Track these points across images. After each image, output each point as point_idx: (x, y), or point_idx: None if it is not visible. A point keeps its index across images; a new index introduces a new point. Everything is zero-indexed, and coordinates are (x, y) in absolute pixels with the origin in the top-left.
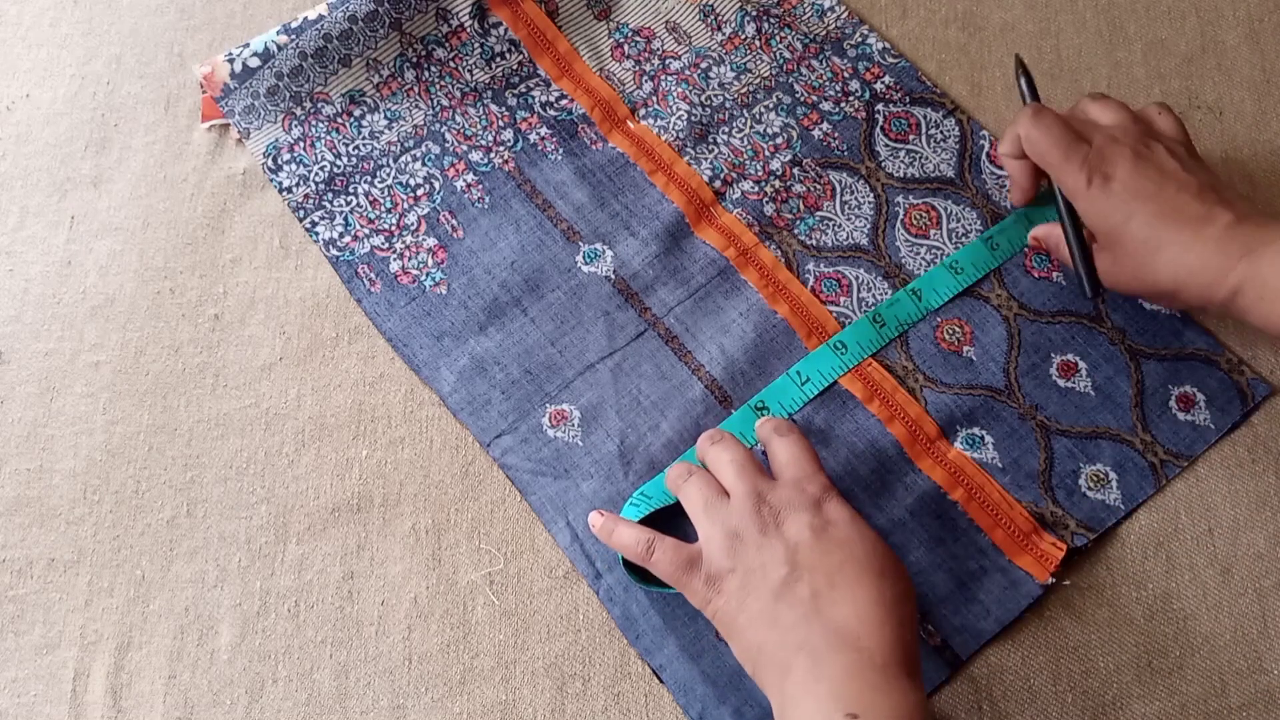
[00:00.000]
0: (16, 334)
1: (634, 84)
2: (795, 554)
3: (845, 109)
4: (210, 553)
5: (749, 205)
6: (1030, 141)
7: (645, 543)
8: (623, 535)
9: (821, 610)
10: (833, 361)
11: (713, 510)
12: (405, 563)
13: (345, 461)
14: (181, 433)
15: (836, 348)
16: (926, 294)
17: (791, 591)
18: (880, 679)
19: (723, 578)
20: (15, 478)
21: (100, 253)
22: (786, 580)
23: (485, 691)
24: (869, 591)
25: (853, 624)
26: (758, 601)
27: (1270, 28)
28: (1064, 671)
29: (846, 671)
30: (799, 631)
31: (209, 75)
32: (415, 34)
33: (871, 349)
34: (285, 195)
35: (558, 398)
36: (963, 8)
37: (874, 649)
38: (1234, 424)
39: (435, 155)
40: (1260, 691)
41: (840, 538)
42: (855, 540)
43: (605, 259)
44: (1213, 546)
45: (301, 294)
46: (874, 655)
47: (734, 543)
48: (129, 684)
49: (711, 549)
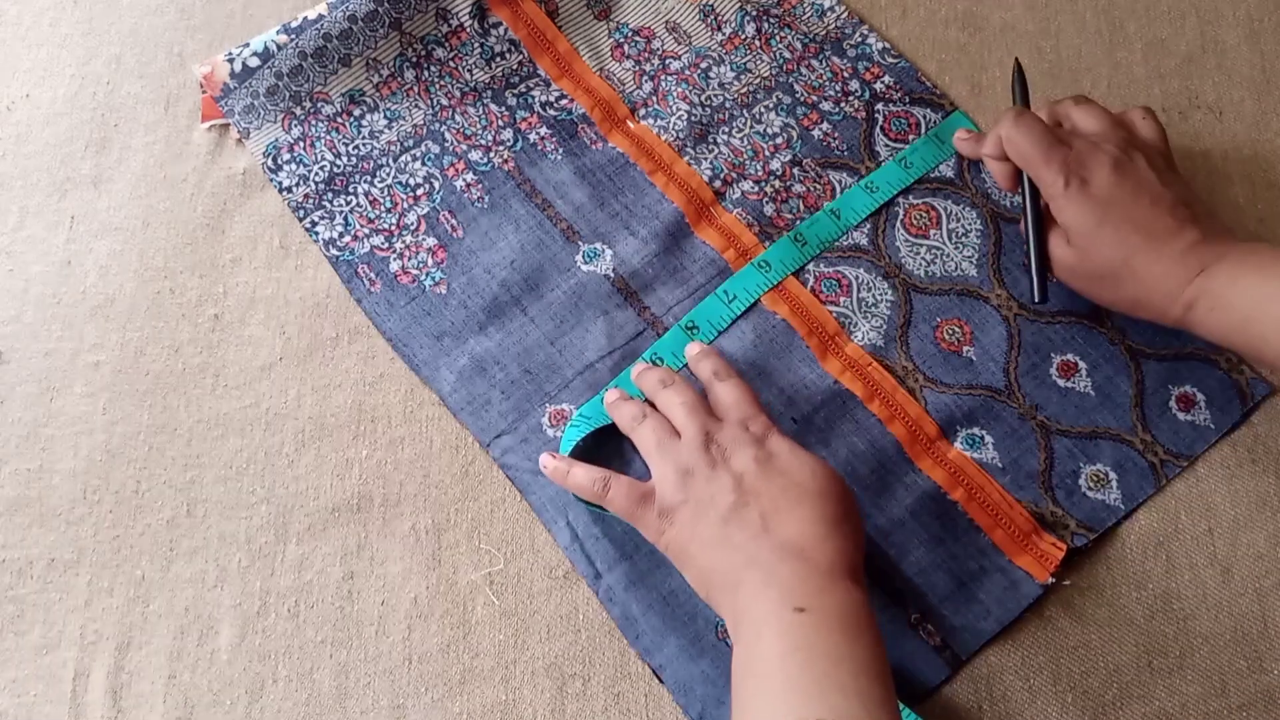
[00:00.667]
0: (16, 334)
1: (634, 84)
2: (741, 482)
3: (845, 109)
4: (210, 553)
5: (749, 205)
6: (1011, 142)
7: (600, 481)
8: (577, 476)
9: (769, 530)
10: (757, 279)
11: (665, 449)
12: (405, 563)
13: (345, 461)
14: (181, 433)
15: (761, 266)
16: (845, 213)
17: (739, 516)
18: (826, 581)
19: (675, 510)
20: (15, 478)
21: (100, 253)
22: (734, 506)
23: (485, 691)
24: (811, 510)
25: (797, 539)
26: (708, 528)
27: (1270, 28)
28: (1064, 671)
29: (794, 576)
30: (748, 550)
31: (209, 75)
32: (415, 34)
33: (793, 266)
34: (285, 195)
35: (557, 397)
36: (963, 8)
37: (819, 558)
38: (1234, 424)
39: (435, 155)
40: (1260, 691)
41: (782, 466)
42: (796, 467)
43: (605, 258)
44: (1213, 546)
45: (301, 294)
46: (819, 563)
47: (685, 478)
48: (129, 684)
49: (664, 485)
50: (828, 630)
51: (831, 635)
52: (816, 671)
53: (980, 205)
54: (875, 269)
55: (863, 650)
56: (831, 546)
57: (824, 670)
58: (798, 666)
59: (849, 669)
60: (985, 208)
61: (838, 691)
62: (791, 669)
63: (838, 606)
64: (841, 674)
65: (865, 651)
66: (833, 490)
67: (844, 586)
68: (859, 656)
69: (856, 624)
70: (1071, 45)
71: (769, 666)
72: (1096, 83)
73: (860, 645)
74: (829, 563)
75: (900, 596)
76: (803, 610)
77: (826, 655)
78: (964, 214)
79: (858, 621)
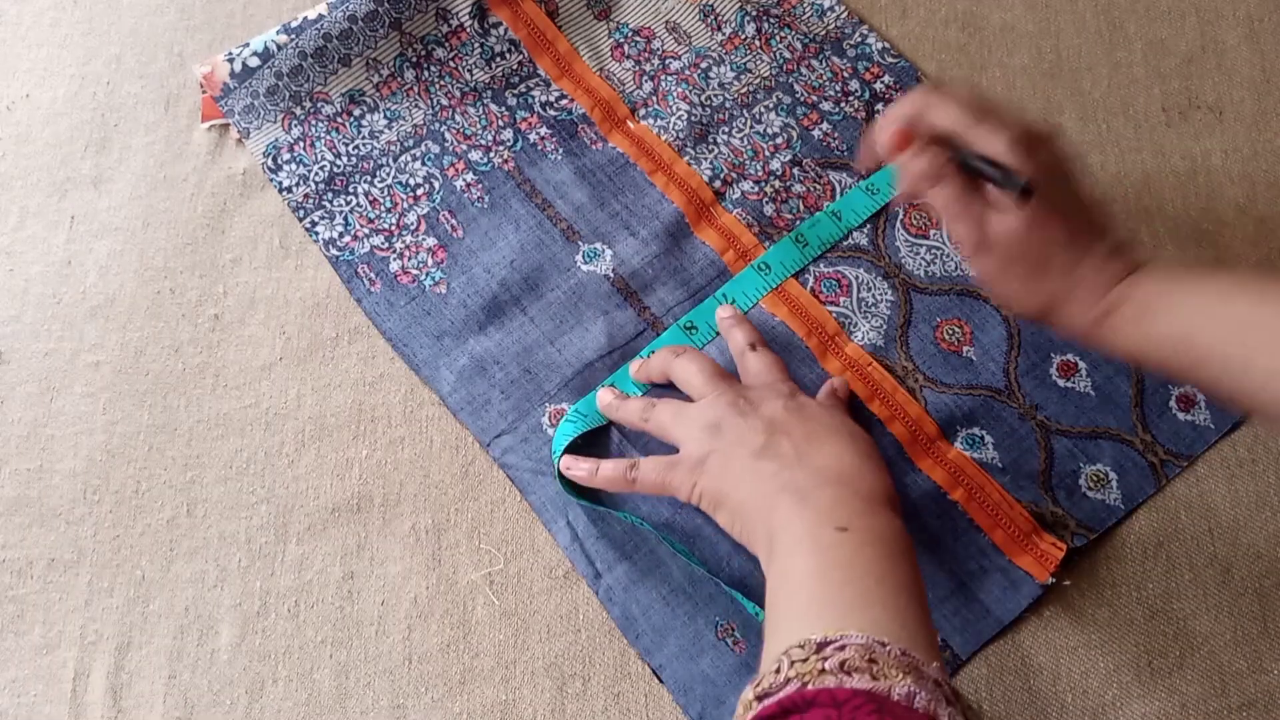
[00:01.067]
0: (16, 334)
1: (634, 84)
2: (772, 424)
3: (845, 109)
4: (210, 553)
5: (749, 205)
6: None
7: (628, 467)
8: (606, 470)
9: (803, 459)
10: (757, 282)
11: (685, 416)
12: (405, 563)
13: (345, 461)
14: (181, 433)
15: (761, 269)
16: (846, 215)
17: (771, 449)
18: (866, 505)
19: (705, 459)
20: (15, 478)
21: (100, 253)
22: (766, 443)
23: (485, 691)
24: (847, 445)
25: (835, 465)
26: (739, 464)
27: (1270, 28)
28: (1064, 671)
29: (834, 499)
30: (782, 476)
31: (209, 75)
32: (415, 34)
33: (794, 268)
34: (285, 195)
35: (557, 397)
36: (963, 8)
37: (858, 484)
38: (1234, 424)
39: (435, 155)
40: (1260, 691)
41: (812, 412)
42: (826, 414)
43: (605, 258)
44: (1213, 546)
45: (301, 294)
46: (859, 488)
47: (713, 430)
48: (129, 684)
49: (690, 443)
50: (871, 549)
51: (874, 554)
52: (856, 588)
53: None
54: (875, 269)
55: (904, 574)
56: (870, 474)
57: (865, 587)
58: (836, 583)
59: (890, 588)
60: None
61: (879, 606)
62: (830, 585)
63: (880, 529)
64: (883, 591)
65: (906, 576)
66: (862, 434)
67: (885, 513)
68: (900, 579)
69: (899, 548)
70: (1071, 45)
71: (805, 583)
72: (1096, 83)
73: (902, 569)
74: (869, 489)
75: None
76: (844, 530)
77: (868, 572)
78: None
79: (900, 546)
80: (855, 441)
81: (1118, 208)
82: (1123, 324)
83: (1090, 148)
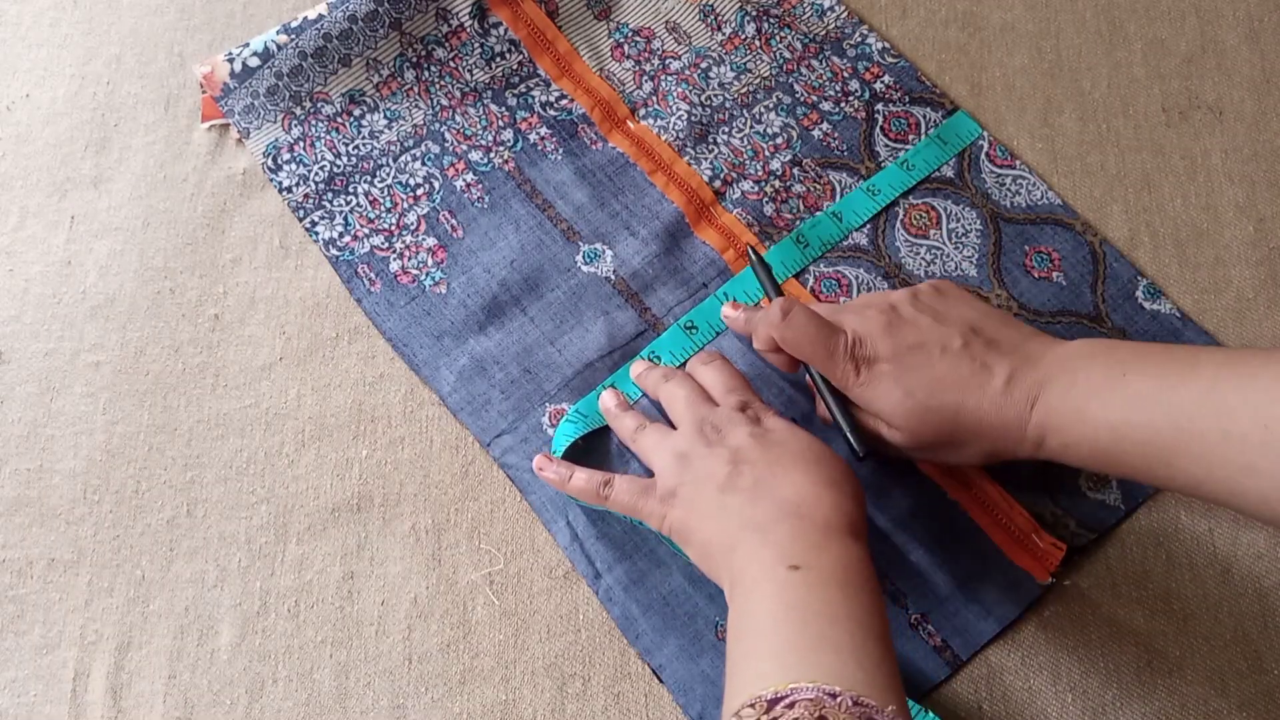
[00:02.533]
0: (16, 334)
1: (634, 84)
2: (736, 455)
3: (845, 109)
4: (210, 553)
5: (749, 205)
6: (787, 342)
7: (601, 483)
8: (579, 480)
9: (763, 494)
10: (757, 282)
11: (663, 444)
12: (405, 563)
13: (345, 461)
14: (181, 433)
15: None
16: (847, 216)
17: (734, 484)
18: (821, 538)
19: (675, 492)
20: (15, 478)
21: (100, 253)
22: (730, 475)
23: (485, 691)
24: (806, 473)
25: (792, 498)
26: (705, 500)
27: (1270, 28)
28: (1064, 671)
29: (789, 535)
30: (744, 513)
31: (209, 75)
32: (415, 34)
33: (795, 269)
34: (285, 195)
35: (557, 397)
36: (963, 8)
37: (815, 515)
38: None
39: (435, 155)
40: (1260, 691)
41: (777, 439)
42: (791, 439)
43: (605, 259)
44: (1213, 546)
45: (301, 294)
46: (815, 519)
47: (682, 461)
48: (129, 684)
49: (663, 472)
50: (822, 587)
51: (827, 592)
52: (810, 631)
53: (980, 205)
54: (875, 269)
55: (858, 608)
56: (828, 502)
57: (818, 629)
58: (791, 626)
59: (845, 627)
60: (985, 208)
61: (831, 650)
62: (784, 628)
63: (834, 563)
64: (837, 632)
65: (861, 609)
66: (828, 457)
67: (841, 542)
68: (854, 614)
69: (854, 580)
70: (1071, 45)
71: (761, 626)
72: (1096, 83)
73: (857, 603)
74: (824, 519)
75: (900, 596)
76: (797, 568)
77: (820, 613)
78: (964, 214)
79: (856, 577)
80: (819, 467)
81: (1117, 208)
82: (1058, 451)
83: (1090, 148)
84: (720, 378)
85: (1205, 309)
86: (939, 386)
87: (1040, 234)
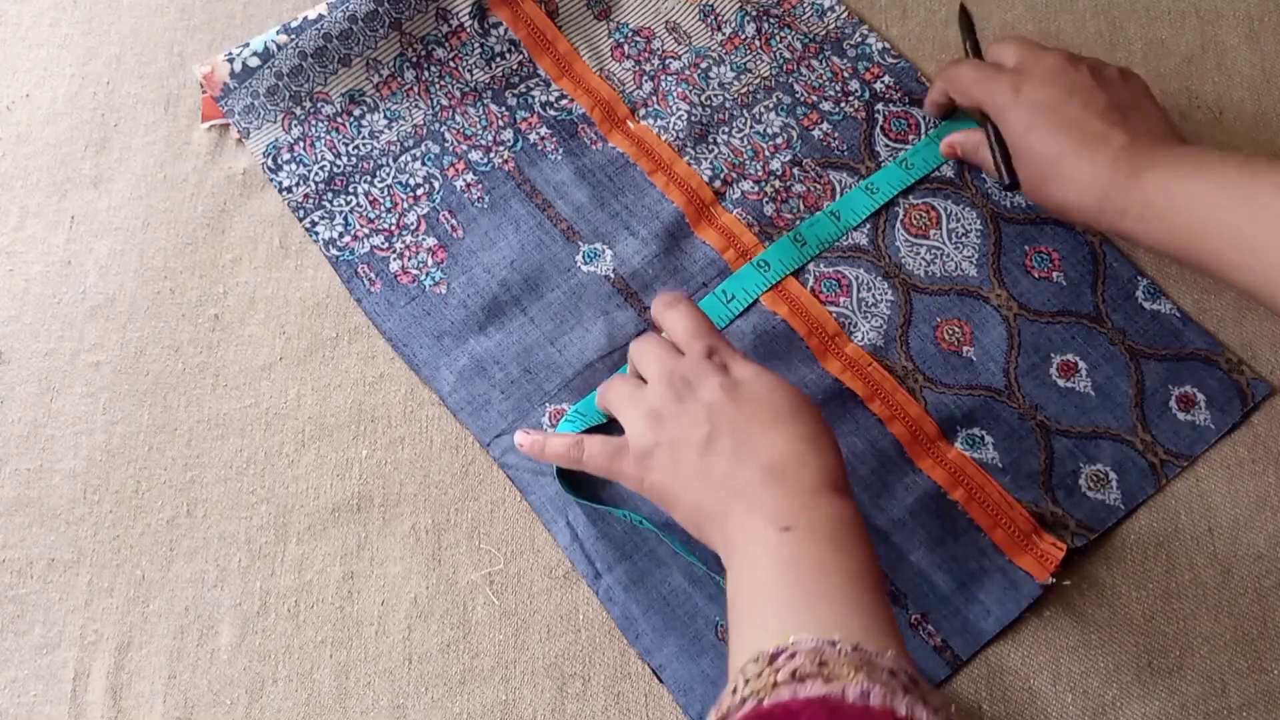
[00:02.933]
0: (16, 334)
1: (634, 84)
2: (712, 413)
3: (845, 109)
4: (210, 553)
5: (749, 205)
6: (951, 79)
7: (574, 444)
8: (553, 445)
9: (746, 457)
10: (756, 279)
11: (632, 399)
12: (405, 563)
13: (345, 461)
14: (181, 433)
15: (760, 265)
16: (845, 215)
17: (715, 447)
18: (809, 498)
19: (650, 454)
20: (15, 478)
21: (100, 253)
22: (709, 438)
23: (485, 691)
24: (786, 430)
25: (777, 460)
26: (687, 465)
27: (1270, 28)
28: (1064, 671)
29: (778, 498)
30: (731, 480)
31: (209, 75)
32: (415, 34)
33: (792, 266)
34: (285, 195)
35: (557, 397)
36: None
37: (801, 476)
38: (1234, 424)
39: (435, 155)
40: (1260, 691)
41: (750, 392)
42: (764, 391)
43: (605, 258)
44: (1213, 546)
45: (301, 294)
46: (803, 480)
47: (655, 420)
48: (129, 684)
49: (634, 431)
50: (814, 544)
51: (818, 549)
52: (803, 587)
53: (980, 205)
54: (875, 269)
55: (851, 561)
56: (814, 461)
57: (813, 585)
58: (785, 585)
59: (837, 581)
60: (985, 208)
61: (827, 604)
62: (781, 588)
63: (824, 520)
64: (829, 586)
65: (854, 562)
66: (802, 408)
67: (829, 500)
68: (847, 567)
69: (845, 535)
70: (1071, 45)
71: (758, 588)
72: None
73: (849, 556)
74: (813, 479)
75: (900, 596)
76: (788, 529)
77: (814, 570)
78: (964, 214)
79: (847, 532)
80: (795, 422)
81: None
82: (1133, 226)
83: None
84: (684, 322)
85: (1205, 309)
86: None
87: (1040, 234)
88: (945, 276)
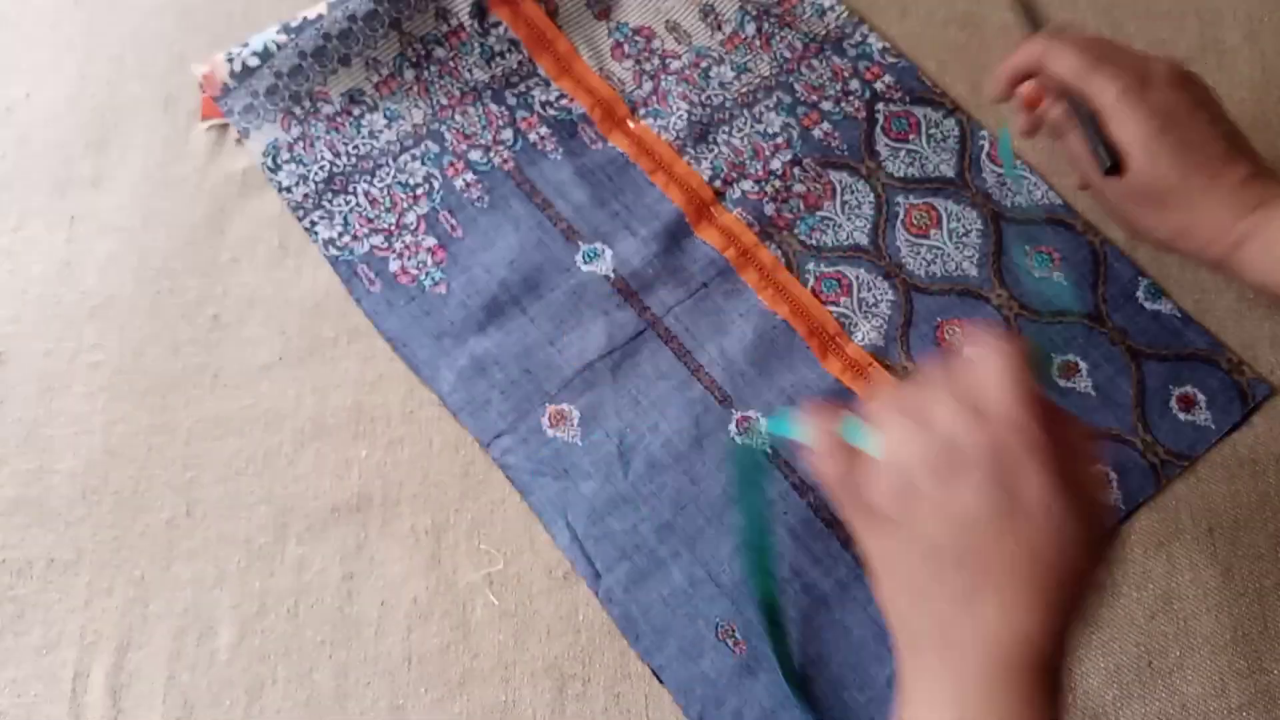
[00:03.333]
0: (16, 334)
1: (634, 83)
2: (965, 533)
3: (845, 109)
4: (210, 553)
5: (749, 205)
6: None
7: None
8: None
9: (972, 606)
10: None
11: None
12: (405, 563)
13: (345, 461)
14: (181, 433)
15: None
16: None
17: (945, 575)
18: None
19: (882, 526)
20: (15, 478)
21: (100, 253)
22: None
23: (485, 691)
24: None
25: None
26: (910, 569)
27: (1270, 28)
28: (1064, 671)
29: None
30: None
31: (208, 75)
32: (415, 33)
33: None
34: (284, 195)
35: (557, 397)
36: (963, 8)
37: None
38: (1234, 424)
39: (434, 154)
40: (1260, 691)
41: (1026, 529)
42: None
43: (605, 258)
44: (1213, 546)
45: (301, 294)
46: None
47: (906, 494)
48: (129, 684)
49: (882, 484)
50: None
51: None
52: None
53: (980, 205)
54: (876, 269)
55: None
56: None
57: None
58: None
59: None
60: (985, 208)
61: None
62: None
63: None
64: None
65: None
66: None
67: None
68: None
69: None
70: None
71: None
72: None
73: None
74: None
75: None
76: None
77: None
78: (964, 214)
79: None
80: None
81: None
82: (1251, 257)
83: None
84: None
85: (1206, 309)
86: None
87: (1041, 233)
88: (946, 276)
